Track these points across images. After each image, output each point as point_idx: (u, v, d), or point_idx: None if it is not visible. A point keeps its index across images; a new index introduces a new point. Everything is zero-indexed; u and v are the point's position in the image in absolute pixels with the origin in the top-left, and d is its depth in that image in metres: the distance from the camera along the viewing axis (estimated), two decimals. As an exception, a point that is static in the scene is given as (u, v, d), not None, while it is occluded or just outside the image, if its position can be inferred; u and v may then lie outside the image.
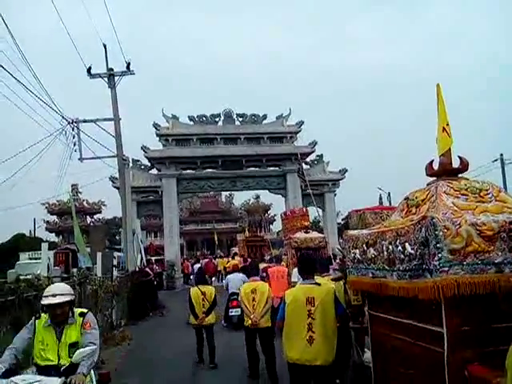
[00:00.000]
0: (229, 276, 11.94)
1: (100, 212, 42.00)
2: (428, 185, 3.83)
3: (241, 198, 56.83)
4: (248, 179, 29.35)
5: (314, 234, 17.75)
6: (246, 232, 30.31)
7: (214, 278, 22.11)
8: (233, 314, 10.65)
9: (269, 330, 6.41)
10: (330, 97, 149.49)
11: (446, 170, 3.77)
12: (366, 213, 7.68)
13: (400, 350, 3.55)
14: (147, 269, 16.53)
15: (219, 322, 11.22)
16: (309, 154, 29.72)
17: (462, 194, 3.44)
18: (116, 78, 16.82)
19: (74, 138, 15.62)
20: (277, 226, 53.41)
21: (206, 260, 25.32)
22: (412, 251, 3.11)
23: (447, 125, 3.80)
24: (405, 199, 3.99)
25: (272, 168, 29.67)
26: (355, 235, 4.26)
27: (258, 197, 53.18)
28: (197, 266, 19.95)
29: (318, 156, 30.38)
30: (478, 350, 2.89)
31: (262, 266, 14.24)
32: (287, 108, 30.09)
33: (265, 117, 29.60)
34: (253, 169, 29.59)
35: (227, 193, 53.31)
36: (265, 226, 53.76)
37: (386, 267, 3.52)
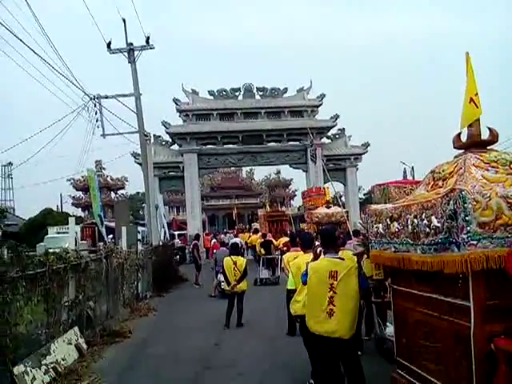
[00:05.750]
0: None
1: (123, 188, 42.77)
2: (455, 157, 3.72)
3: (261, 173, 56.80)
4: (268, 154, 29.21)
5: (335, 209, 17.71)
6: (267, 207, 30.33)
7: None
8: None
9: None
10: (355, 69, 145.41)
11: (475, 142, 3.65)
12: (390, 187, 7.55)
13: (424, 323, 3.54)
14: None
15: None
16: (330, 128, 29.28)
17: (492, 167, 3.33)
18: (136, 53, 16.77)
19: (96, 114, 15.79)
20: (298, 202, 53.37)
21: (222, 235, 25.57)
22: (438, 224, 3.05)
23: (476, 95, 3.65)
24: (431, 172, 3.89)
25: (293, 142, 29.39)
26: (378, 209, 4.21)
27: (278, 172, 53.01)
28: (214, 240, 20.39)
29: (339, 130, 29.85)
30: (505, 323, 2.85)
31: (283, 240, 14.36)
32: (308, 81, 29.54)
33: (285, 90, 29.12)
34: (273, 144, 29.37)
35: (248, 168, 53.28)
36: (286, 202, 53.76)
37: (410, 241, 3.48)
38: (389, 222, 3.86)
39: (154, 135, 26.69)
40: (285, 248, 12.45)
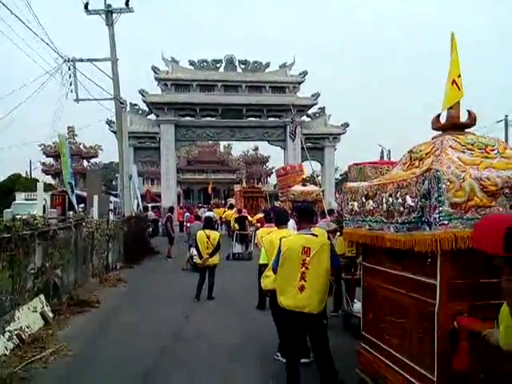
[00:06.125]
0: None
1: (96, 156, 41.84)
2: (433, 138, 3.72)
3: (239, 148, 56.48)
4: (247, 129, 28.98)
5: (311, 188, 17.82)
6: (244, 183, 30.33)
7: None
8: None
9: None
10: (339, 50, 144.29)
11: (454, 124, 3.65)
12: (366, 167, 7.63)
13: (391, 300, 3.60)
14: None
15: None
16: (311, 106, 29.18)
17: (468, 149, 3.35)
18: (114, 16, 16.07)
19: (70, 77, 15.15)
20: (274, 179, 53.53)
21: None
22: (412, 204, 3.06)
23: (458, 77, 3.63)
24: (408, 152, 3.89)
25: (272, 119, 29.20)
26: (354, 187, 4.20)
27: (256, 148, 52.86)
28: (187, 214, 20.42)
29: (320, 109, 29.82)
30: (468, 302, 2.92)
31: (258, 216, 14.40)
32: (291, 57, 29.15)
33: (268, 65, 28.71)
34: (253, 119, 29.13)
35: (226, 143, 52.86)
36: (262, 178, 53.84)
37: (384, 219, 3.50)
38: (364, 200, 3.86)
39: (131, 103, 25.98)
40: (259, 224, 12.50)
